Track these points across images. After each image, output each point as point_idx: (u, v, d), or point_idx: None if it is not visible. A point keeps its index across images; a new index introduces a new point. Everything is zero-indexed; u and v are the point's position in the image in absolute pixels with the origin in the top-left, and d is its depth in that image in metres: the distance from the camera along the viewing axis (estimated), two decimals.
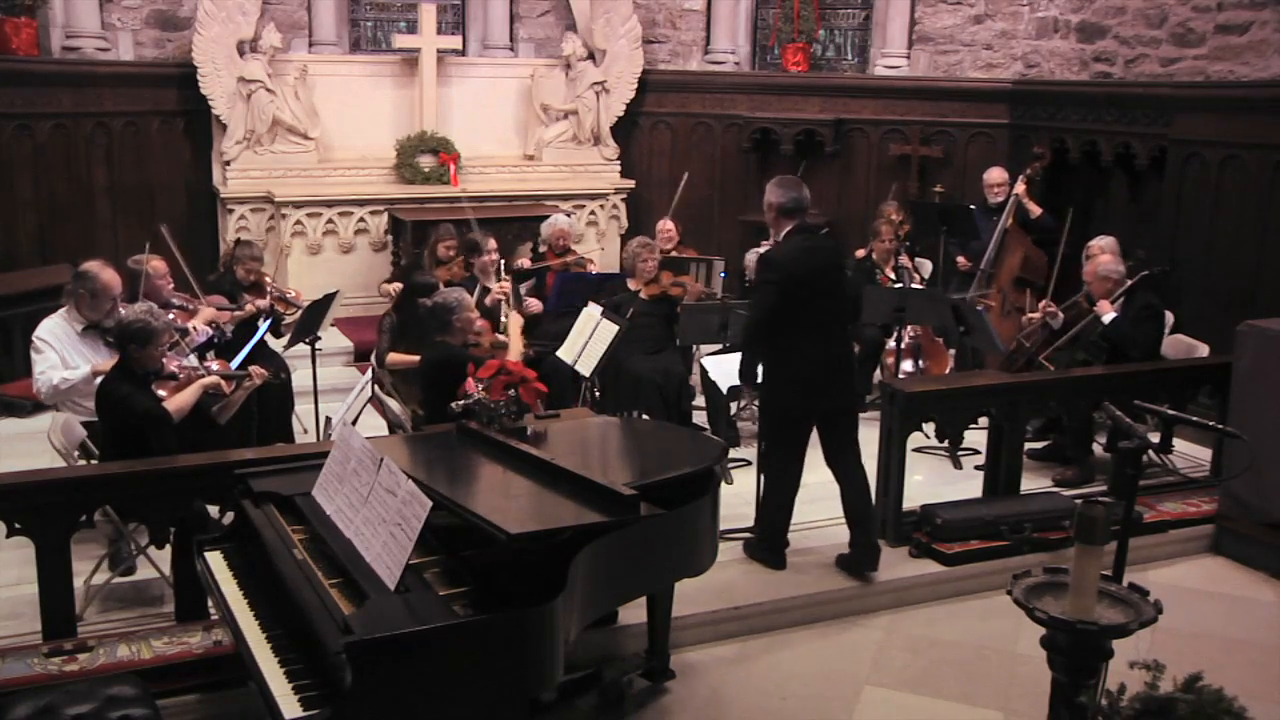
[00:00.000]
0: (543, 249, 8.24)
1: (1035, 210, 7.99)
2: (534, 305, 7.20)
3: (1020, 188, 8.00)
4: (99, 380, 5.09)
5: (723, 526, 4.54)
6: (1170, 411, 4.04)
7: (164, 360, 5.13)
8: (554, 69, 10.10)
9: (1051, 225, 7.75)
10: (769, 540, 5.28)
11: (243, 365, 5.80)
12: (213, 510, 4.53)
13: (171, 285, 6.32)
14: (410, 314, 6.44)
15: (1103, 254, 6.85)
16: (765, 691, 4.49)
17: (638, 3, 10.26)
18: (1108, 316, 6.56)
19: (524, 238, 8.73)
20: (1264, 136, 7.14)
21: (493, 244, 7.19)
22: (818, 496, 5.46)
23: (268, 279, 7.03)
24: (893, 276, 7.80)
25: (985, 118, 9.55)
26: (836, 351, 5.17)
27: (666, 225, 8.38)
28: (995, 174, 8.38)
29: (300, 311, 6.68)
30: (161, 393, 5.02)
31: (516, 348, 6.03)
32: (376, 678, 2.90)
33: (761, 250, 7.25)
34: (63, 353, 5.45)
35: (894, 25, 10.08)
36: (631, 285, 7.09)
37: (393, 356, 6.39)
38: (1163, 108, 7.90)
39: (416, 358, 6.06)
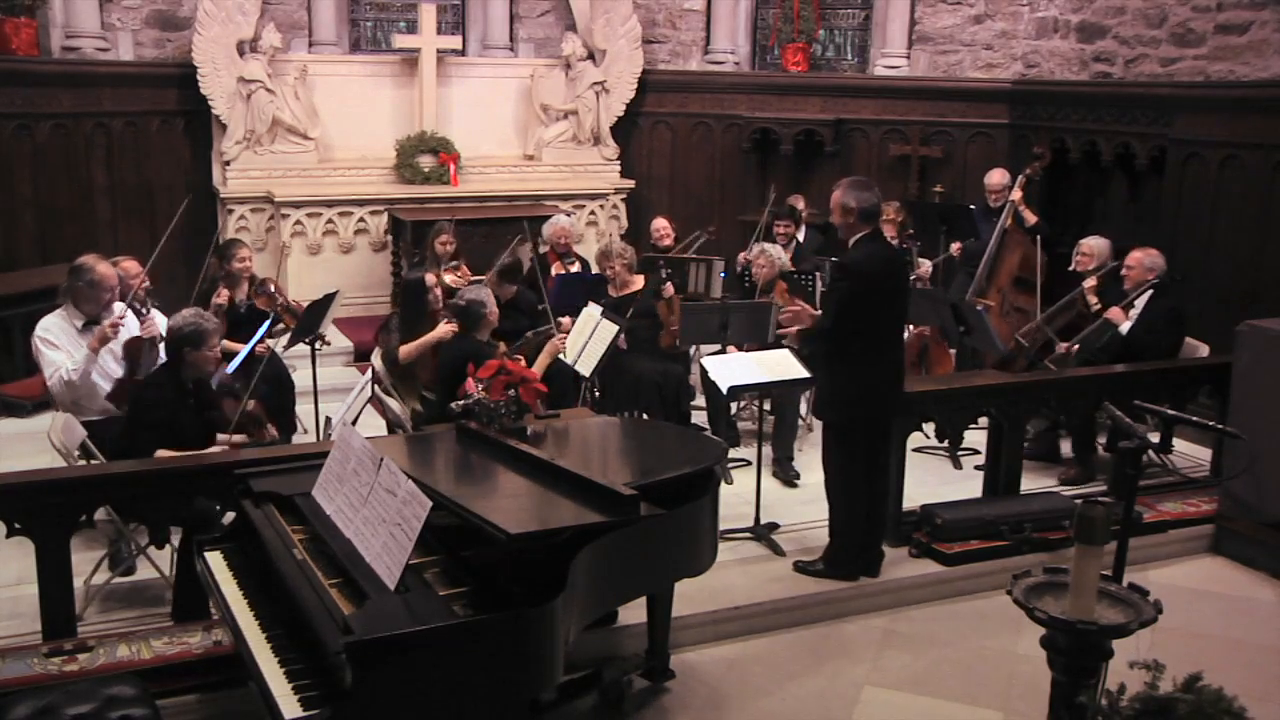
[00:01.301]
0: (544, 249, 8.24)
1: (1031, 218, 7.99)
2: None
3: (1017, 194, 7.98)
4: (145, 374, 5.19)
5: (722, 526, 4.55)
6: (1170, 411, 4.04)
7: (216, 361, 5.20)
8: (554, 69, 10.10)
9: (1048, 232, 7.76)
10: (846, 552, 5.18)
11: (239, 370, 5.85)
12: None
13: (146, 284, 6.31)
14: (410, 309, 6.46)
15: (1146, 251, 6.75)
16: (765, 691, 4.49)
17: (638, 3, 10.26)
18: (1125, 326, 6.55)
19: (523, 238, 8.73)
20: (1264, 136, 7.15)
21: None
22: (818, 496, 5.45)
23: (273, 284, 7.00)
24: None
25: (985, 118, 9.55)
26: (899, 360, 5.21)
27: (661, 224, 8.38)
28: (996, 178, 8.37)
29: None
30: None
31: (541, 367, 6.01)
32: (376, 678, 2.90)
33: (769, 248, 7.27)
34: (67, 349, 5.45)
35: (894, 25, 10.08)
36: (612, 293, 7.09)
37: (405, 349, 6.37)
38: (1163, 108, 7.90)
39: (428, 337, 6.12)
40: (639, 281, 7.13)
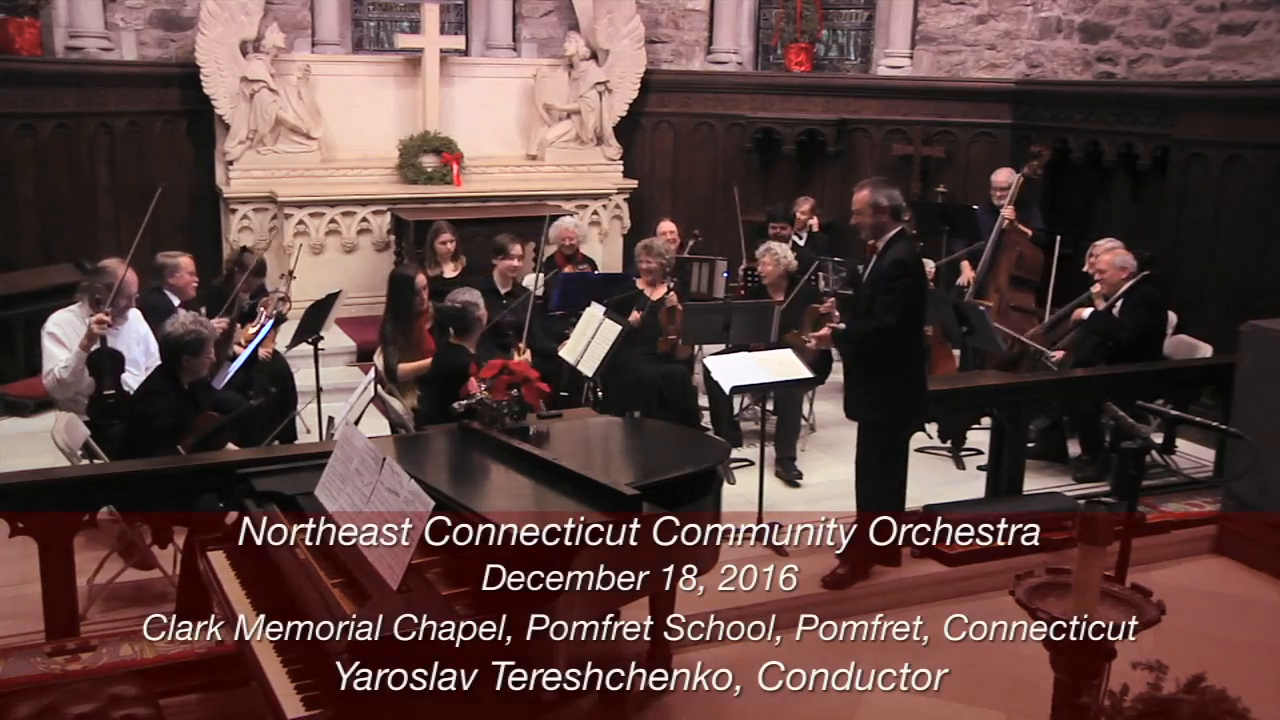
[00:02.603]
0: (551, 251, 8.24)
1: (1027, 232, 7.97)
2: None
3: (1009, 211, 7.93)
4: (145, 375, 5.18)
5: (724, 526, 4.54)
6: (1173, 412, 4.04)
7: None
8: (557, 69, 10.10)
9: (1044, 242, 7.75)
10: (865, 553, 5.13)
11: (242, 370, 5.86)
12: None
13: (196, 283, 6.31)
14: (398, 310, 6.46)
15: (1115, 249, 6.80)
16: (765, 692, 4.47)
17: (640, 3, 10.25)
18: (1087, 312, 6.60)
19: (526, 238, 8.73)
20: (1267, 136, 7.14)
21: (518, 249, 7.08)
22: (820, 496, 5.46)
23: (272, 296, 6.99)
24: None
25: (988, 118, 9.54)
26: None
27: (668, 226, 8.38)
28: (1002, 176, 8.34)
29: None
30: None
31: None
32: (379, 677, 2.90)
33: (775, 247, 7.25)
34: (73, 348, 5.47)
35: (897, 25, 10.07)
36: (640, 284, 7.07)
37: (404, 367, 6.35)
38: (1166, 108, 7.89)
39: (427, 362, 6.09)
40: (661, 290, 7.09)
